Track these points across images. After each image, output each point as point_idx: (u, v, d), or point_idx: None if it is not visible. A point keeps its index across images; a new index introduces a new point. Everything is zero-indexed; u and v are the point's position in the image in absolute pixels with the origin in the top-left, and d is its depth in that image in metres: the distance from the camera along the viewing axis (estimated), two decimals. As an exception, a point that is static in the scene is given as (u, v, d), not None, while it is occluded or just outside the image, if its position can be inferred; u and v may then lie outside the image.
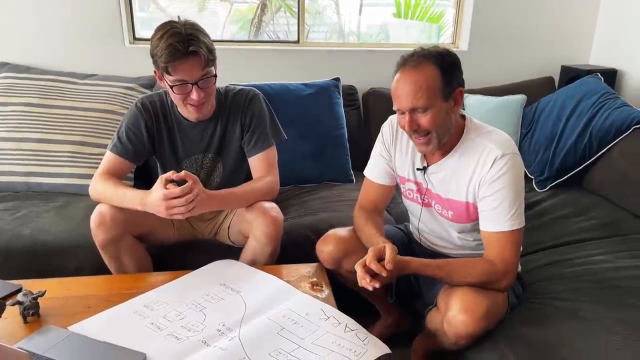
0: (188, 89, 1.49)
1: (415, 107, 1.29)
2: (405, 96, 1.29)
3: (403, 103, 1.31)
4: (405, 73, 1.30)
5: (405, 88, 1.29)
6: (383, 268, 1.25)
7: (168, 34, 1.41)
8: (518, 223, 1.33)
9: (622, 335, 1.28)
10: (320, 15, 3.14)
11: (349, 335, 1.25)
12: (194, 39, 1.43)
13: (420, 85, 1.27)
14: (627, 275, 1.58)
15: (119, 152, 1.61)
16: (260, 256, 1.59)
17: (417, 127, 1.32)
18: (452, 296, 1.29)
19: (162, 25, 1.46)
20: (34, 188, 2.09)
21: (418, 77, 1.28)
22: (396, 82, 1.33)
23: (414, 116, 1.31)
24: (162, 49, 1.41)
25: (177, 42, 1.40)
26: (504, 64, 2.86)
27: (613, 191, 2.12)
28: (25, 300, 1.27)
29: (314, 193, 2.20)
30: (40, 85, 2.26)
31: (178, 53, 1.41)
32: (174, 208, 1.39)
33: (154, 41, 1.45)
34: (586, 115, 2.25)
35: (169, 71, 1.45)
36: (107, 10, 2.44)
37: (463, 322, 1.25)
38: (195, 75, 1.47)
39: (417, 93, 1.28)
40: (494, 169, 1.32)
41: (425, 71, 1.28)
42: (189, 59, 1.43)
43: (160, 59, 1.43)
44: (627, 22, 2.64)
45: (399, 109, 1.34)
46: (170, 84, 1.49)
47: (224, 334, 1.24)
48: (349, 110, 2.53)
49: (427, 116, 1.30)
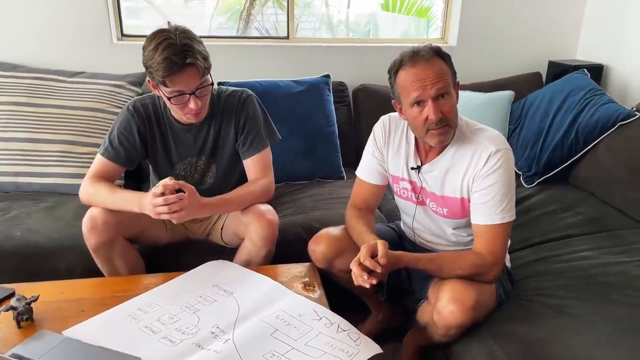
0: (186, 99, 1.48)
1: (440, 91, 1.32)
2: (430, 82, 1.31)
3: (427, 89, 1.32)
4: (420, 64, 1.33)
5: (428, 75, 1.32)
6: (377, 264, 1.28)
7: (163, 46, 1.39)
8: (509, 216, 1.38)
9: (608, 332, 1.32)
10: (309, 7, 3.13)
11: (341, 336, 1.27)
12: (190, 50, 1.41)
13: (440, 70, 1.33)
14: (613, 272, 1.61)
15: (111, 157, 1.61)
16: (255, 258, 1.60)
17: (442, 114, 1.33)
18: (442, 288, 1.33)
19: (155, 35, 1.43)
20: (23, 188, 2.08)
21: (436, 65, 1.33)
22: (412, 74, 1.33)
23: (438, 103, 1.33)
24: (158, 63, 1.39)
25: (173, 54, 1.38)
26: (492, 59, 2.87)
27: (598, 187, 2.16)
28: (19, 306, 1.27)
29: (305, 190, 2.21)
30: (27, 83, 2.23)
31: (175, 67, 1.40)
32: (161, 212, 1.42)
33: (148, 52, 1.42)
34: (573, 112, 2.28)
35: (166, 84, 1.44)
36: (94, 7, 2.41)
37: (452, 312, 1.29)
38: (192, 85, 1.46)
39: (439, 77, 1.32)
40: (489, 164, 1.36)
41: (439, 62, 1.35)
42: (186, 71, 1.42)
43: (156, 73, 1.41)
44: (613, 18, 2.67)
45: (418, 100, 1.34)
46: (168, 95, 1.48)
47: (217, 337, 1.25)
48: (339, 106, 2.54)
49: (449, 102, 1.34)
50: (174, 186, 1.42)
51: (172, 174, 1.70)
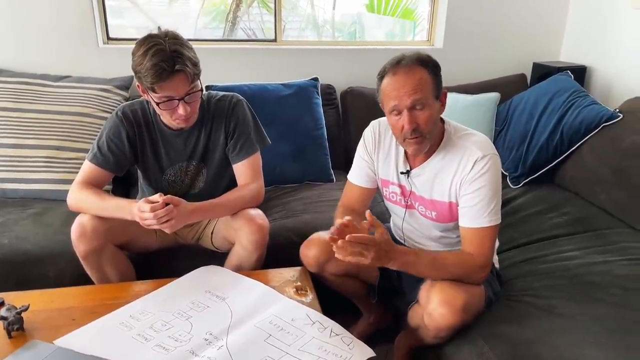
0: (174, 105, 1.48)
1: (416, 102, 1.32)
2: (406, 92, 1.32)
3: (403, 100, 1.33)
4: (400, 73, 1.34)
5: (405, 85, 1.32)
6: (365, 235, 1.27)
7: (152, 52, 1.39)
8: (495, 219, 1.40)
9: (594, 332, 1.34)
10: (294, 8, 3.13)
11: (334, 340, 1.28)
12: (179, 56, 1.41)
13: (418, 81, 1.33)
14: (598, 271, 1.65)
15: (99, 163, 1.60)
16: (246, 262, 1.60)
17: (416, 125, 1.34)
18: (432, 290, 1.35)
19: (145, 40, 1.43)
20: (9, 194, 2.06)
21: (415, 75, 1.33)
22: (391, 82, 1.35)
23: (413, 114, 1.34)
24: (147, 69, 1.39)
25: (162, 61, 1.38)
26: (478, 61, 2.91)
27: (583, 187, 2.20)
28: (9, 316, 1.26)
29: (295, 194, 2.22)
30: (12, 88, 2.20)
31: (164, 73, 1.40)
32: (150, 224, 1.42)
33: (137, 57, 1.42)
34: (557, 113, 2.32)
35: (155, 90, 1.44)
36: (79, 11, 2.38)
37: (443, 314, 1.31)
38: (181, 91, 1.46)
39: (417, 88, 1.32)
40: (475, 169, 1.38)
41: (420, 71, 1.34)
42: (175, 77, 1.42)
43: (145, 79, 1.42)
44: (596, 20, 2.71)
45: (395, 109, 1.36)
46: (157, 101, 1.48)
47: (211, 343, 1.25)
48: (327, 109, 2.54)
49: (425, 114, 1.34)
50: (161, 205, 1.42)
51: (162, 179, 1.70)
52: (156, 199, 1.43)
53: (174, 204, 1.45)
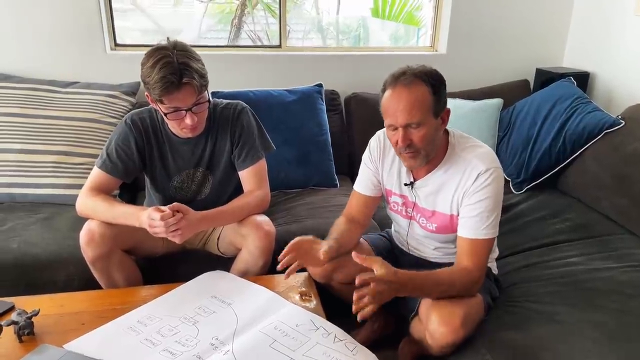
0: (182, 115, 1.51)
1: (410, 122, 1.33)
2: (401, 112, 1.33)
3: (398, 119, 1.34)
4: (398, 90, 1.34)
5: (400, 104, 1.33)
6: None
7: (160, 64, 1.41)
8: (493, 232, 1.41)
9: (595, 338, 1.35)
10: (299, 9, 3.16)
11: (338, 346, 1.30)
12: (187, 69, 1.44)
13: (415, 101, 1.32)
14: (600, 277, 1.66)
15: (108, 170, 1.63)
16: (252, 268, 1.63)
17: (410, 142, 1.35)
18: (431, 309, 1.36)
19: (153, 52, 1.46)
20: (18, 199, 2.09)
21: (412, 94, 1.32)
22: (389, 98, 1.36)
23: (408, 132, 1.35)
24: (155, 81, 1.42)
25: (170, 74, 1.41)
26: (481, 67, 2.92)
27: (586, 193, 2.22)
28: (20, 320, 1.28)
29: (300, 199, 2.24)
30: (20, 94, 2.23)
31: (172, 86, 1.42)
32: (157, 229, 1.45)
33: (146, 69, 1.45)
34: (560, 120, 2.33)
35: (163, 101, 1.47)
36: (87, 17, 2.41)
37: (443, 334, 1.32)
38: (188, 102, 1.49)
39: (413, 109, 1.32)
40: (478, 182, 1.39)
41: (419, 89, 1.33)
42: (182, 89, 1.45)
43: (153, 91, 1.45)
44: (599, 26, 2.73)
45: (391, 125, 1.38)
46: (165, 111, 1.51)
47: (217, 348, 1.28)
48: (332, 114, 2.56)
49: (421, 132, 1.35)
50: (169, 214, 1.45)
51: (170, 185, 1.72)
52: (166, 209, 1.46)
53: (182, 212, 1.47)
